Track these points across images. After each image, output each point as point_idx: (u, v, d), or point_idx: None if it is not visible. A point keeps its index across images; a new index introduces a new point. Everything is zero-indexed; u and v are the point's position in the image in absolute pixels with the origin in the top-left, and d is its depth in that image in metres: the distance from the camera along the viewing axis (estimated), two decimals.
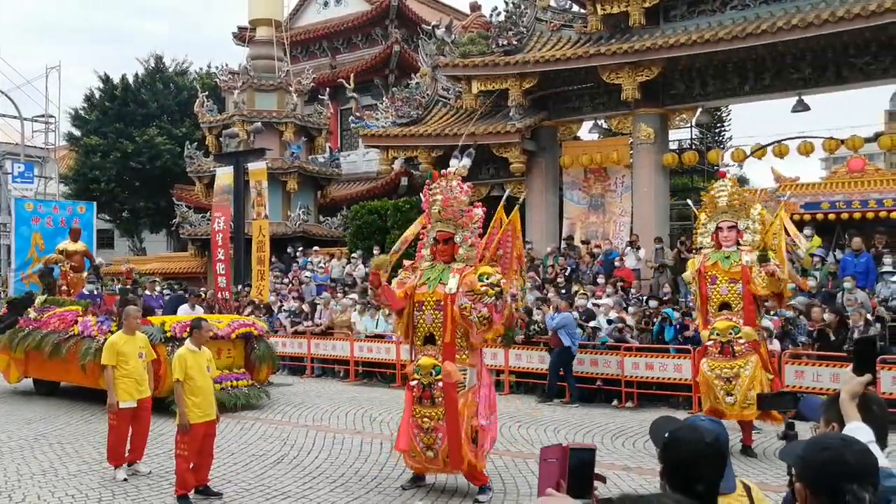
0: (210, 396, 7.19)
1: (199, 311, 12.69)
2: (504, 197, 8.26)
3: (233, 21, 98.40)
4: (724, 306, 8.63)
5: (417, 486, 7.38)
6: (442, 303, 7.02)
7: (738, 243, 8.72)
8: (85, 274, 14.17)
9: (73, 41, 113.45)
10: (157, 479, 7.83)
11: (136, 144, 30.13)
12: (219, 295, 16.04)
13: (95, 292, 13.19)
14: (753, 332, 8.48)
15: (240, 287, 17.96)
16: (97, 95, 32.51)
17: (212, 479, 7.42)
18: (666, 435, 2.49)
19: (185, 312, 12.66)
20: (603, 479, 2.55)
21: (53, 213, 17.84)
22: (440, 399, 6.95)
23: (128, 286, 13.48)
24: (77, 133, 33.11)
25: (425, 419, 7.04)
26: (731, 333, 8.45)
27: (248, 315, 14.76)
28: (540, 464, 2.57)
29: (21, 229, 17.21)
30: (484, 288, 6.79)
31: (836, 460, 2.05)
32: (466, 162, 7.61)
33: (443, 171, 7.50)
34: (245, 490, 7.42)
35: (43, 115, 30.16)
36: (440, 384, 6.92)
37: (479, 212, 7.37)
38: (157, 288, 17.11)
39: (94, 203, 19.47)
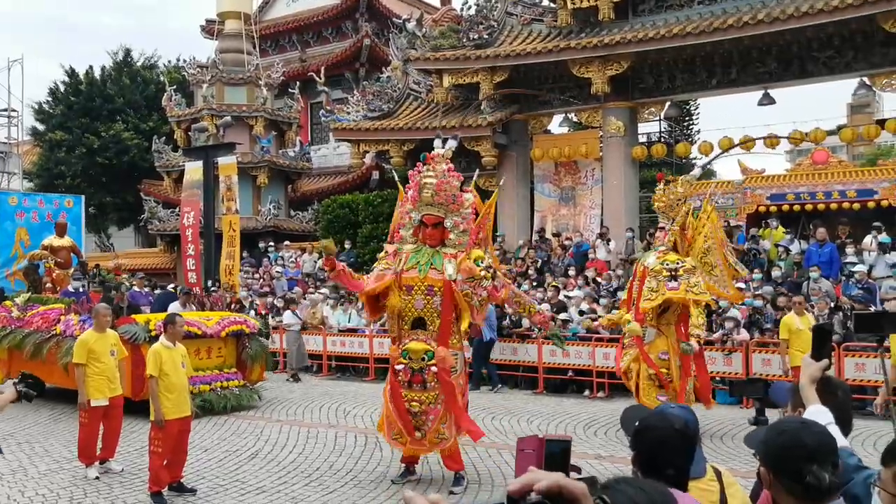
0: (185, 392, 7.14)
1: (192, 310, 12.22)
2: (473, 179, 8.27)
3: (200, 14, 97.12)
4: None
5: (407, 479, 7.34)
6: (435, 288, 6.99)
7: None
8: (72, 270, 13.69)
9: (33, 33, 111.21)
10: (129, 476, 7.78)
11: (103, 139, 29.65)
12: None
13: (81, 289, 12.73)
14: (638, 328, 8.92)
15: (209, 283, 17.79)
16: (62, 89, 31.93)
17: (186, 476, 7.39)
18: (637, 423, 2.56)
19: (175, 310, 12.34)
20: (578, 470, 2.61)
21: (39, 208, 16.99)
22: (432, 384, 6.97)
23: (115, 282, 13.13)
24: (41, 128, 32.50)
25: (415, 403, 7.05)
26: (627, 325, 9.13)
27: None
28: (517, 454, 2.64)
29: (5, 224, 16.43)
30: (482, 272, 6.89)
31: (795, 443, 2.11)
32: (452, 144, 7.53)
33: (430, 153, 7.38)
34: (220, 486, 7.40)
35: (5, 110, 29.55)
36: (432, 369, 6.93)
37: (469, 197, 7.35)
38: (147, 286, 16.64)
39: (83, 197, 18.63)
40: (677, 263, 8.79)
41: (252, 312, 15.42)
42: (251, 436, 9.53)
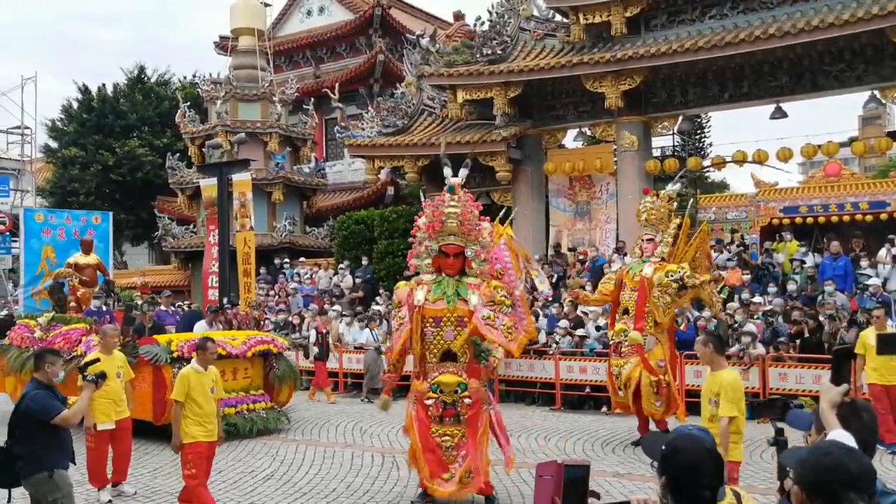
0: (213, 418, 6.88)
1: (219, 329, 11.86)
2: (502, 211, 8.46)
3: (213, 28, 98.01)
4: (626, 311, 9.50)
5: (427, 500, 7.21)
6: (465, 319, 6.89)
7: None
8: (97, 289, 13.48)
9: (42, 48, 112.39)
10: (142, 499, 7.77)
11: (116, 156, 29.87)
12: (206, 308, 15.84)
13: (104, 308, 12.52)
14: (640, 336, 9.22)
15: (225, 300, 17.87)
16: (75, 106, 32.25)
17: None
18: (664, 447, 2.54)
19: (202, 330, 11.82)
20: (597, 496, 2.63)
21: (66, 224, 16.58)
22: (465, 417, 6.85)
23: (143, 301, 12.89)
24: (54, 145, 32.81)
25: (447, 437, 6.86)
26: (622, 336, 9.36)
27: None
28: (536, 480, 2.66)
29: (31, 242, 16.13)
30: (501, 298, 6.87)
31: (837, 467, 2.11)
32: (464, 172, 7.55)
33: (449, 180, 7.26)
34: None
35: (18, 127, 29.89)
36: (465, 401, 6.82)
37: (487, 226, 7.35)
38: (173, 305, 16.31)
39: (111, 213, 18.43)
40: (679, 272, 9.21)
41: (313, 332, 15.06)
42: (266, 456, 9.52)
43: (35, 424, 5.34)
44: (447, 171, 7.54)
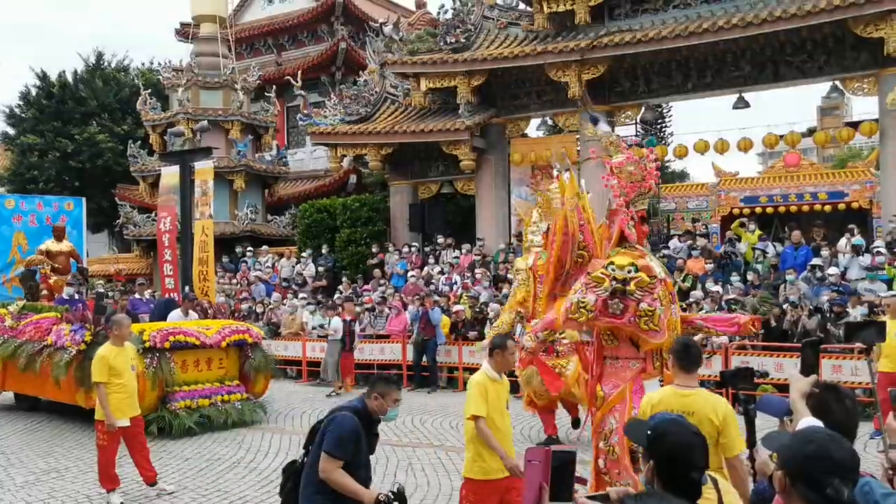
0: (509, 437, 5.14)
1: (194, 317, 11.49)
2: None
3: (170, 19, 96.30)
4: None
5: None
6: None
7: None
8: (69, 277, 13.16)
9: (3, 39, 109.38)
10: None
11: (76, 143, 29.26)
12: (166, 297, 15.58)
13: (77, 296, 12.20)
14: (576, 334, 8.34)
15: (186, 288, 17.58)
16: (33, 93, 31.48)
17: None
18: (649, 432, 2.55)
19: (177, 318, 11.44)
20: (584, 482, 2.62)
21: (38, 210, 16.06)
22: None
23: (117, 289, 12.56)
24: (12, 132, 32.01)
25: None
26: (555, 334, 8.42)
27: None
28: (525, 465, 2.67)
29: (1, 228, 15.61)
30: None
31: (820, 455, 2.10)
32: (606, 127, 6.77)
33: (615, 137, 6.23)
34: (202, 496, 7.32)
35: None
36: None
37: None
38: (147, 293, 15.98)
39: (83, 199, 17.98)
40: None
41: (337, 320, 14.12)
42: (232, 444, 9.44)
43: (319, 444, 4.05)
44: (603, 127, 6.71)
